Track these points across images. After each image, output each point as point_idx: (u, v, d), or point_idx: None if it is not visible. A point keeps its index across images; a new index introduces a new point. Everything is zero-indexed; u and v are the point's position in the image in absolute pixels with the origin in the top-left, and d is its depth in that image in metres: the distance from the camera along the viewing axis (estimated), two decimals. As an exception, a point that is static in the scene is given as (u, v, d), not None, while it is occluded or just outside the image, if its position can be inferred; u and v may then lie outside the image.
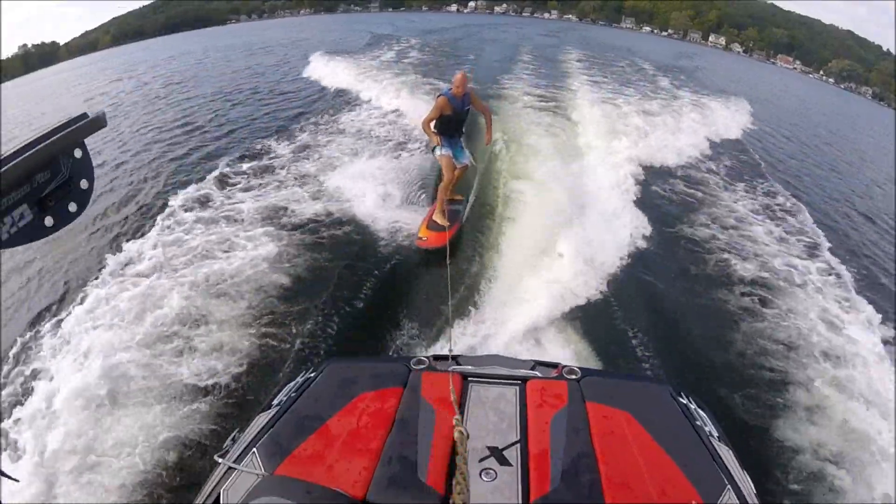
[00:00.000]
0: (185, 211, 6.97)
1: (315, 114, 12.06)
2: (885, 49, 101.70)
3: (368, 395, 2.34)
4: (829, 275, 6.65)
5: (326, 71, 17.24)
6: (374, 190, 7.09)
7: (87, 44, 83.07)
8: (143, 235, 6.43)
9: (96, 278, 5.66)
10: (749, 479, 2.18)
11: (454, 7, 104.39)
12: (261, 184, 7.80)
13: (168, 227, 6.53)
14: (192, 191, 7.63)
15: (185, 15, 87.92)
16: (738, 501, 1.96)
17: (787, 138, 17.48)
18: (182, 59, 29.81)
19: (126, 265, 5.81)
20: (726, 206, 8.46)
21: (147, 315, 4.85)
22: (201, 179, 8.09)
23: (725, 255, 6.70)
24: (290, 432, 2.15)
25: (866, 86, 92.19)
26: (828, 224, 9.11)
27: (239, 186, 7.75)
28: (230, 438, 2.24)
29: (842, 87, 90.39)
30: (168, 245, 6.10)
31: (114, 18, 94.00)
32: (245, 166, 8.56)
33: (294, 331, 4.71)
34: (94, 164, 1.39)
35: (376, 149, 8.97)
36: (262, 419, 2.28)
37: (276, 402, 2.42)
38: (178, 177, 8.81)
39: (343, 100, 13.42)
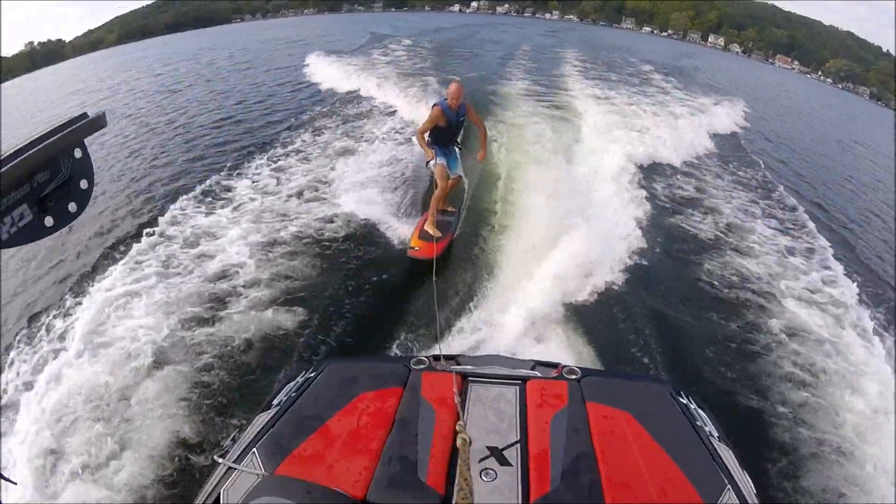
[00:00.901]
0: (186, 213, 6.96)
1: (314, 117, 11.96)
2: (884, 50, 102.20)
3: (368, 395, 2.34)
4: (830, 276, 6.66)
5: (324, 72, 17.07)
6: (375, 194, 7.09)
7: (90, 42, 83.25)
8: (143, 237, 6.39)
9: (100, 276, 5.68)
10: (749, 479, 2.18)
11: (457, 7, 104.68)
12: (260, 187, 7.78)
13: (167, 230, 6.51)
14: (192, 193, 7.62)
15: (186, 15, 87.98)
16: (738, 501, 1.96)
17: (783, 137, 17.57)
18: (181, 60, 29.70)
19: (127, 266, 5.80)
20: (727, 206, 8.46)
21: (146, 316, 4.84)
22: (201, 181, 8.08)
23: (726, 256, 6.70)
24: (290, 432, 2.15)
25: (864, 86, 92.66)
26: (827, 223, 9.17)
27: (238, 189, 7.73)
28: (230, 438, 2.24)
29: (839, 86, 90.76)
30: (169, 246, 6.11)
31: (116, 17, 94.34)
32: (245, 168, 8.55)
33: (294, 331, 4.71)
34: (94, 164, 1.38)
35: (377, 153, 8.89)
36: (262, 419, 2.28)
37: (275, 402, 2.41)
38: (179, 179, 8.81)
39: (341, 103, 13.30)
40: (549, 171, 7.20)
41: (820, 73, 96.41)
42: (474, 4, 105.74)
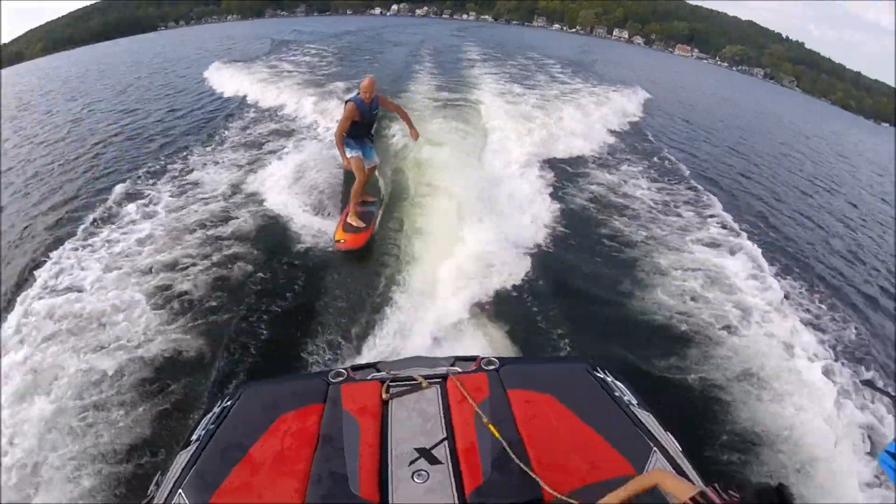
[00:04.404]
0: (84, 236, 6.24)
1: (219, 127, 11.06)
2: (784, 36, 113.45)
3: (289, 415, 2.29)
4: (728, 242, 7.11)
5: (230, 80, 16.15)
6: (281, 199, 6.77)
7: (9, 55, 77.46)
8: (39, 265, 5.72)
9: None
10: (673, 438, 2.28)
11: (377, 10, 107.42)
12: (163, 203, 7.06)
13: (66, 255, 5.83)
14: (89, 215, 6.82)
15: (112, 24, 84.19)
16: (666, 461, 2.05)
17: (680, 119, 18.78)
18: (81, 73, 27.48)
19: (23, 296, 5.15)
20: (627, 189, 8.75)
21: (40, 354, 4.31)
22: (100, 202, 7.29)
23: (626, 233, 6.96)
24: (215, 465, 2.07)
25: (758, 67, 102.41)
26: (721, 191, 9.80)
27: (134, 207, 6.96)
28: (153, 483, 2.16)
29: (734, 69, 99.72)
30: (64, 276, 5.44)
31: (33, 29, 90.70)
32: (147, 184, 7.76)
33: (206, 359, 4.29)
34: None
35: (286, 158, 8.40)
36: (183, 457, 2.19)
37: (195, 436, 2.32)
38: (77, 200, 7.87)
39: (248, 108, 12.69)
40: (457, 167, 7.26)
41: (717, 58, 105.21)
42: (395, 7, 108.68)
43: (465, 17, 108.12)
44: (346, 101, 5.72)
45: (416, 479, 1.98)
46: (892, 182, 18.66)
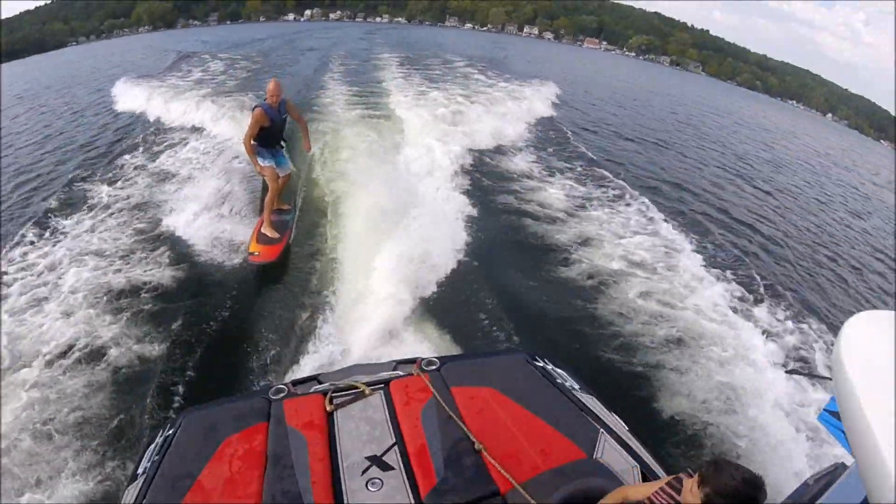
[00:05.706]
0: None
1: (125, 148, 10.00)
2: (689, 24, 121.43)
3: (234, 438, 2.24)
4: (643, 216, 7.61)
5: (135, 99, 14.59)
6: (200, 215, 6.43)
7: None
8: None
9: None
10: (619, 418, 2.36)
11: (291, 17, 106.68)
12: (76, 231, 6.41)
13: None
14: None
15: (19, 41, 77.20)
16: (614, 441, 2.11)
17: (587, 108, 19.67)
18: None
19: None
20: (548, 180, 9.03)
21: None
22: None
23: (551, 222, 7.15)
24: (165, 498, 2.01)
25: (665, 55, 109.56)
26: (631, 175, 10.37)
27: (52, 237, 6.29)
28: None
29: (641, 58, 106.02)
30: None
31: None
32: (57, 213, 6.87)
33: (141, 391, 3.99)
34: None
35: (200, 173, 8.03)
36: (130, 494, 2.12)
37: (140, 470, 2.25)
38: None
39: (154, 126, 11.67)
40: (374, 169, 7.19)
41: (624, 49, 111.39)
42: (308, 13, 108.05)
43: (378, 19, 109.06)
44: (254, 108, 5.53)
45: (370, 488, 1.97)
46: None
